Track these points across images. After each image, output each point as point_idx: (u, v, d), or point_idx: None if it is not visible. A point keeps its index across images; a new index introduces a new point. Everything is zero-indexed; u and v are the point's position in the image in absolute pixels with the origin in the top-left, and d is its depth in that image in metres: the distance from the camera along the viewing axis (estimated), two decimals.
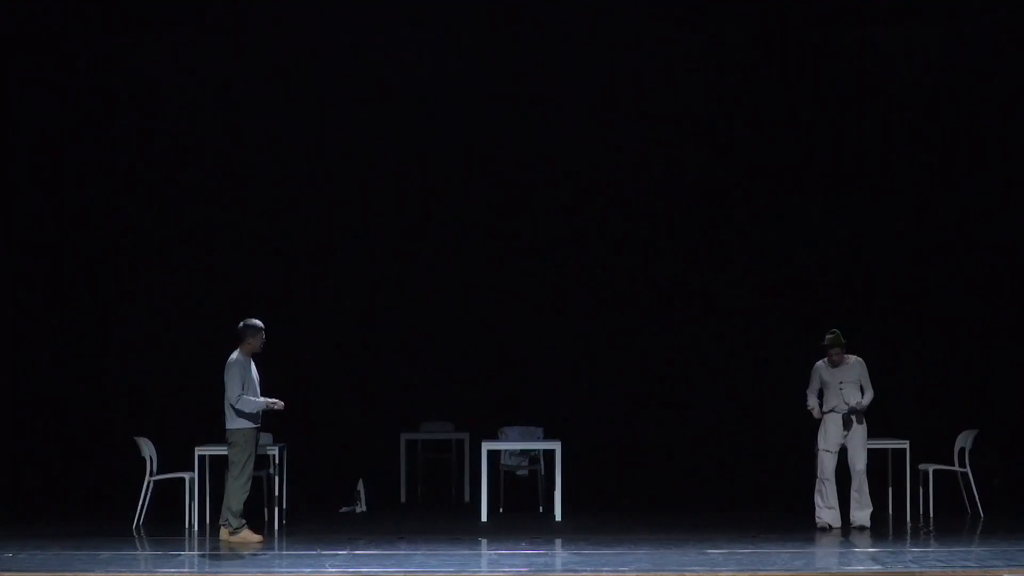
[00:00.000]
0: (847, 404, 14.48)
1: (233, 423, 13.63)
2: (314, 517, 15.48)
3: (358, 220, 17.80)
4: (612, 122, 17.79)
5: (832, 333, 14.50)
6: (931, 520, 15.00)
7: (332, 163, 17.72)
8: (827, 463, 14.51)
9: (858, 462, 14.51)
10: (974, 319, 17.49)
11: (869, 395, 14.55)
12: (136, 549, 13.34)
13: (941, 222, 17.58)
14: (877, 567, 11.85)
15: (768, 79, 17.71)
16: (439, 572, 11.76)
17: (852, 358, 14.58)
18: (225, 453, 13.88)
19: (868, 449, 14.71)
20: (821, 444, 14.58)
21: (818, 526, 14.38)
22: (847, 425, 14.51)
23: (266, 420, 14.04)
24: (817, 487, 14.51)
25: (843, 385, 14.52)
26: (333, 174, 17.72)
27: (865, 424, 14.55)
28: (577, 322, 17.82)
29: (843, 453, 14.53)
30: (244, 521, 13.62)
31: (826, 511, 14.45)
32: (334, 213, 17.77)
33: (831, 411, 14.57)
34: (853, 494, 14.52)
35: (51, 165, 17.45)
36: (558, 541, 13.68)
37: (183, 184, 17.65)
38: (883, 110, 17.65)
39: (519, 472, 16.21)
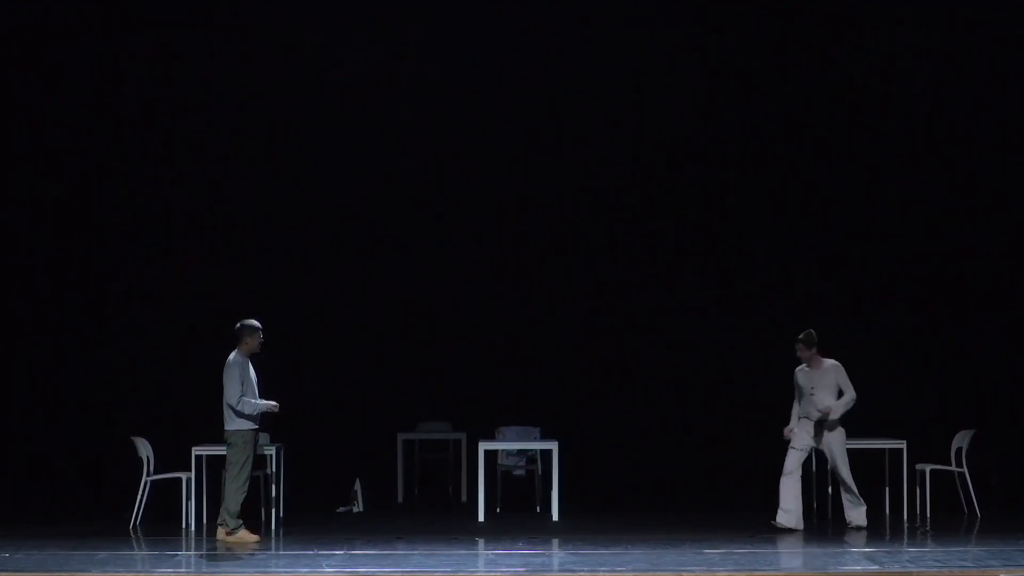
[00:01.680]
0: (818, 412, 14.36)
1: (232, 424, 13.62)
2: (311, 517, 15.47)
3: (355, 221, 17.78)
4: (610, 123, 17.77)
5: (806, 332, 14.41)
6: (928, 520, 15.01)
7: (331, 164, 17.70)
8: (790, 458, 14.42)
9: (840, 468, 14.42)
10: (972, 319, 17.49)
11: (846, 398, 14.36)
12: (133, 549, 13.34)
13: (939, 222, 17.58)
14: (874, 567, 11.85)
15: (768, 80, 17.71)
16: (436, 572, 11.76)
17: (828, 362, 14.45)
18: (223, 453, 13.88)
19: (863, 449, 14.71)
20: (791, 441, 14.53)
21: (777, 526, 14.29)
22: (818, 432, 14.42)
23: (263, 420, 14.03)
24: (781, 482, 14.43)
25: (815, 391, 14.40)
26: (331, 175, 17.70)
27: (841, 428, 14.42)
28: (574, 322, 17.81)
29: (822, 455, 14.53)
30: (241, 521, 13.62)
31: (782, 514, 14.31)
32: (331, 214, 17.75)
33: (804, 417, 14.50)
34: (843, 497, 14.49)
35: (50, 164, 17.44)
36: (555, 541, 13.69)
37: (182, 184, 17.63)
38: (883, 111, 17.64)
39: (516, 472, 16.22)
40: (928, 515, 15.24)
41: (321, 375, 17.44)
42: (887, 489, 15.55)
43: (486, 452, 15.30)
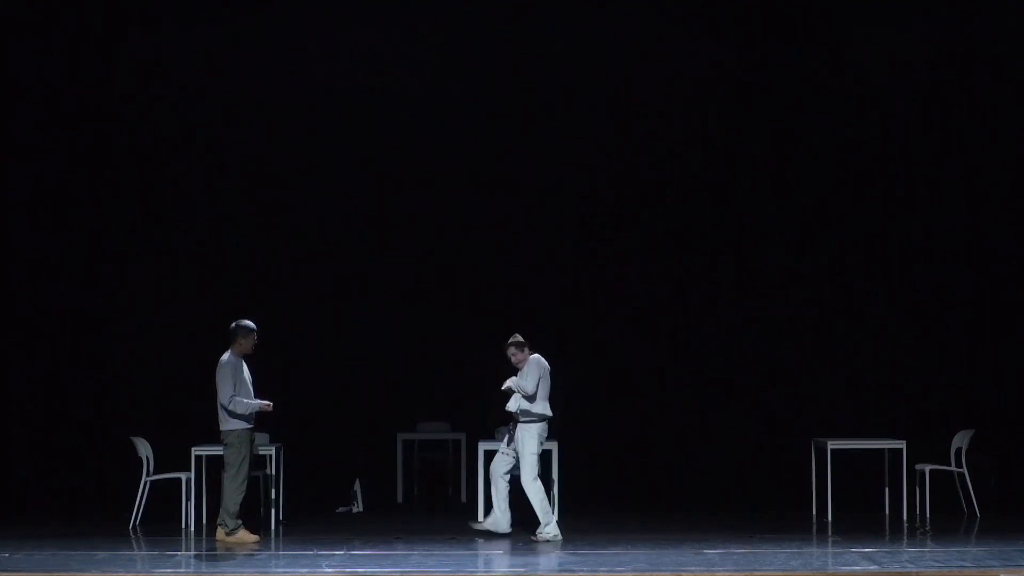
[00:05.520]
0: (519, 410, 13.87)
1: (227, 424, 13.64)
2: (311, 517, 15.47)
3: (354, 221, 17.76)
4: (610, 124, 17.77)
5: (514, 337, 14.00)
6: (927, 520, 15.00)
7: (328, 164, 17.70)
8: (494, 462, 14.14)
9: (524, 475, 13.84)
10: (971, 319, 17.48)
11: (524, 384, 13.82)
12: (133, 549, 13.34)
13: (938, 221, 17.58)
14: (873, 567, 11.85)
15: (765, 82, 17.72)
16: (436, 572, 11.77)
17: (531, 357, 14.01)
18: (222, 453, 13.88)
19: (863, 449, 14.64)
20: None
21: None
22: (511, 435, 14.00)
23: (263, 421, 14.03)
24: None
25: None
26: (329, 175, 17.70)
27: (530, 433, 13.86)
28: (573, 322, 17.80)
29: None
30: (240, 521, 13.62)
31: (489, 517, 14.03)
32: (330, 214, 17.75)
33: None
34: (535, 509, 13.82)
35: (50, 165, 17.44)
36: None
37: (180, 185, 17.63)
38: (882, 111, 17.62)
39: (516, 472, 16.19)
40: (928, 515, 15.23)
41: (321, 375, 17.43)
42: (887, 489, 15.53)
43: (485, 452, 15.29)
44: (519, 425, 13.93)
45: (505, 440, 14.18)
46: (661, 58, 17.62)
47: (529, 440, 13.87)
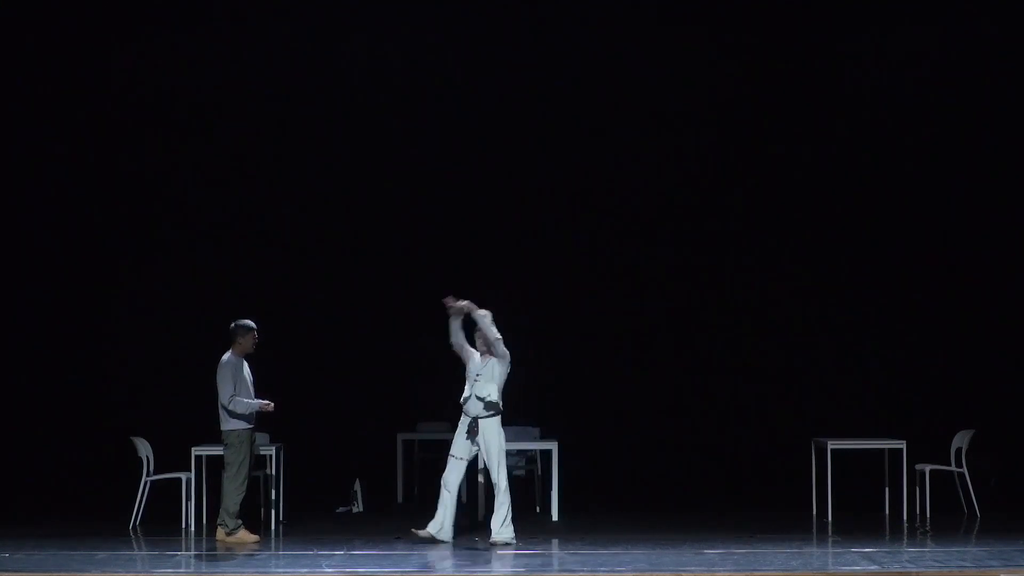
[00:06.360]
0: (479, 400, 13.31)
1: (227, 424, 13.63)
2: (311, 517, 15.47)
3: (354, 221, 17.79)
4: (610, 125, 17.78)
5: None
6: (928, 520, 15.00)
7: (328, 164, 17.71)
8: (448, 469, 13.49)
9: (494, 474, 13.33)
10: (971, 319, 17.49)
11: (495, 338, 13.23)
12: (133, 549, 13.34)
13: (938, 222, 17.59)
14: (874, 567, 11.85)
15: (768, 84, 17.73)
16: (436, 572, 11.76)
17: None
18: (222, 453, 13.88)
19: (863, 449, 14.60)
20: (452, 448, 13.54)
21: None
22: (472, 433, 13.39)
23: (263, 420, 14.02)
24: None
25: (480, 376, 13.42)
26: (329, 175, 17.72)
27: (492, 427, 13.40)
28: (573, 322, 17.81)
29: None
30: (240, 522, 13.62)
31: (434, 522, 13.39)
32: (330, 214, 17.76)
33: (463, 410, 13.46)
34: (496, 506, 13.35)
35: (50, 165, 17.45)
36: (555, 541, 13.68)
37: (180, 185, 17.65)
38: (884, 113, 17.64)
39: (515, 472, 16.19)
40: (928, 515, 15.23)
41: (321, 375, 17.44)
42: (887, 489, 15.53)
43: None
44: (481, 420, 13.39)
45: (467, 439, 13.46)
46: (664, 58, 17.63)
47: (495, 434, 13.40)
